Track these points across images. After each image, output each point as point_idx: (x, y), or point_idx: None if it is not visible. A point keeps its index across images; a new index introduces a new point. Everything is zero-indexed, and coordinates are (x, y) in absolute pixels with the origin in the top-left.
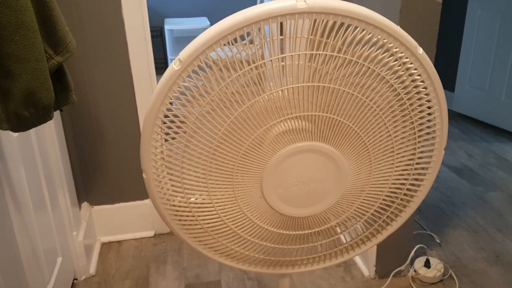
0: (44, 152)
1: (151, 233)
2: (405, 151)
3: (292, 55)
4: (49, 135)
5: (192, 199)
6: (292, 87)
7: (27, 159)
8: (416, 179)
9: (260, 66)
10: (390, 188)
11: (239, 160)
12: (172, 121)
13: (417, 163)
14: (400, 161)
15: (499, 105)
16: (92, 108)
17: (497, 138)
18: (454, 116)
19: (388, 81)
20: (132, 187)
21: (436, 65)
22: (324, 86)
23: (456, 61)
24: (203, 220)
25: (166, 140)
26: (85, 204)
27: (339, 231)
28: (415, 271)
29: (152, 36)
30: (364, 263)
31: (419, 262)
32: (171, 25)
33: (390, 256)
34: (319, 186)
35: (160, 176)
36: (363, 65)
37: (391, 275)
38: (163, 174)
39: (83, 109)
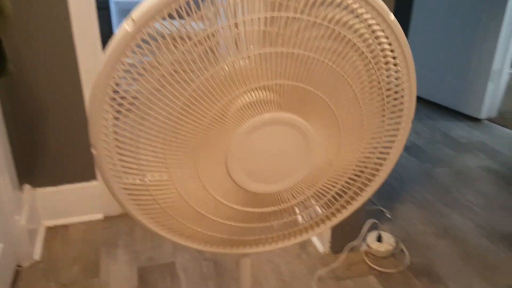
0: None
1: (100, 216)
2: (373, 123)
3: (248, 20)
4: None
5: (149, 177)
6: (254, 55)
7: None
8: (383, 152)
9: (213, 35)
10: (357, 162)
11: (201, 135)
12: (126, 91)
13: (385, 135)
14: (368, 133)
15: (445, 84)
16: (32, 83)
17: (443, 116)
18: None
19: (358, 48)
20: (78, 168)
21: None
22: (288, 53)
23: None
24: (162, 199)
25: (118, 112)
26: (27, 187)
27: (297, 212)
28: (367, 245)
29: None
30: (319, 240)
31: (372, 237)
32: None
33: (344, 232)
34: (288, 161)
35: (112, 152)
36: (329, 27)
37: (345, 250)
38: (116, 149)
39: (22, 84)
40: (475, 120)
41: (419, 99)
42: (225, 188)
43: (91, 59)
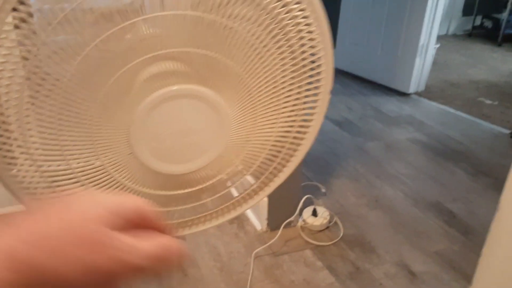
0: None
1: None
2: (289, 95)
3: None
4: None
5: (45, 168)
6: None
7: None
8: (302, 126)
9: None
10: (276, 135)
11: (98, 114)
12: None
13: (303, 108)
14: (285, 106)
15: (376, 61)
16: None
17: (374, 92)
18: (335, 72)
19: (268, 12)
20: None
21: None
22: (198, 17)
23: (336, 19)
24: (61, 188)
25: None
26: None
27: (227, 185)
28: (303, 220)
29: None
30: (257, 218)
31: (307, 211)
32: None
33: (281, 209)
34: (199, 137)
35: None
36: None
37: (282, 227)
38: (4, 137)
39: None
40: (404, 95)
41: (351, 76)
42: (131, 170)
43: None
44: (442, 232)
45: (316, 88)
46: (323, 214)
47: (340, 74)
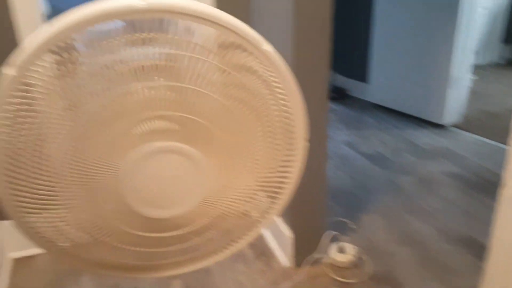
0: None
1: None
2: (266, 147)
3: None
4: None
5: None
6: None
7: None
8: (282, 172)
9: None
10: (257, 182)
11: (93, 163)
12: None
13: (282, 156)
14: (261, 155)
15: (409, 93)
16: None
17: (408, 124)
18: (369, 107)
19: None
20: None
21: (350, 58)
22: (182, 86)
23: (368, 55)
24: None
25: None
26: None
27: (197, 239)
28: (330, 257)
29: None
30: (282, 254)
31: (334, 248)
32: None
33: (307, 245)
34: (181, 185)
35: (13, 193)
36: (224, 70)
37: (308, 264)
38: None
39: None
40: (440, 126)
41: (385, 109)
42: (122, 214)
43: None
44: (475, 268)
45: (290, 138)
46: (351, 251)
47: (373, 108)
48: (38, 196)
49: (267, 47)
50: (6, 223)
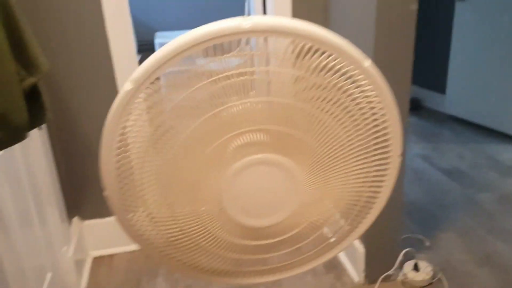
0: (30, 169)
1: None
2: (358, 160)
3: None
4: (34, 151)
5: (152, 215)
6: (250, 102)
7: (11, 177)
8: (374, 186)
9: (220, 80)
10: (349, 194)
11: (198, 175)
12: (128, 144)
13: (373, 171)
14: (354, 169)
15: (490, 105)
16: (78, 122)
17: (488, 139)
18: (446, 119)
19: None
20: None
21: (427, 68)
22: (285, 102)
23: (446, 63)
24: (167, 233)
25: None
26: (75, 219)
27: (293, 244)
28: (404, 275)
29: (143, 50)
30: (354, 269)
31: (408, 265)
32: (161, 39)
33: (379, 261)
34: (277, 197)
35: (120, 192)
36: (325, 88)
37: (380, 280)
38: (125, 189)
39: (70, 124)
40: None
41: (463, 122)
42: (222, 222)
43: None
44: None
45: (384, 153)
46: (426, 269)
47: (451, 120)
48: (139, 194)
49: (368, 63)
50: (88, 222)
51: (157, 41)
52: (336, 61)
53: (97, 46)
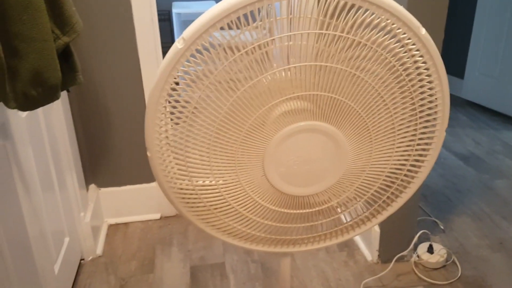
0: (51, 134)
1: (157, 216)
2: (406, 132)
3: (298, 34)
4: (56, 117)
5: (196, 181)
6: (295, 67)
7: (35, 140)
8: (417, 160)
9: (264, 46)
10: (390, 168)
11: (241, 141)
12: (176, 101)
13: (418, 144)
14: (401, 141)
15: (508, 93)
16: (99, 90)
17: (505, 125)
18: (463, 104)
19: (390, 62)
20: (139, 170)
21: (445, 52)
22: (326, 66)
23: (466, 48)
24: (207, 200)
25: (171, 120)
26: (92, 186)
27: (340, 211)
28: (418, 256)
29: (160, 20)
30: (367, 248)
31: (422, 247)
32: (178, 9)
33: (394, 241)
34: (320, 166)
35: (164, 155)
36: (366, 46)
37: (394, 260)
38: (168, 153)
39: (90, 91)
40: None
41: (480, 108)
42: (262, 189)
43: (152, 68)
44: None
45: (432, 126)
46: (440, 252)
47: (468, 105)
48: (190, 161)
49: (424, 31)
50: (104, 190)
51: (174, 10)
52: (393, 25)
53: (120, 11)
